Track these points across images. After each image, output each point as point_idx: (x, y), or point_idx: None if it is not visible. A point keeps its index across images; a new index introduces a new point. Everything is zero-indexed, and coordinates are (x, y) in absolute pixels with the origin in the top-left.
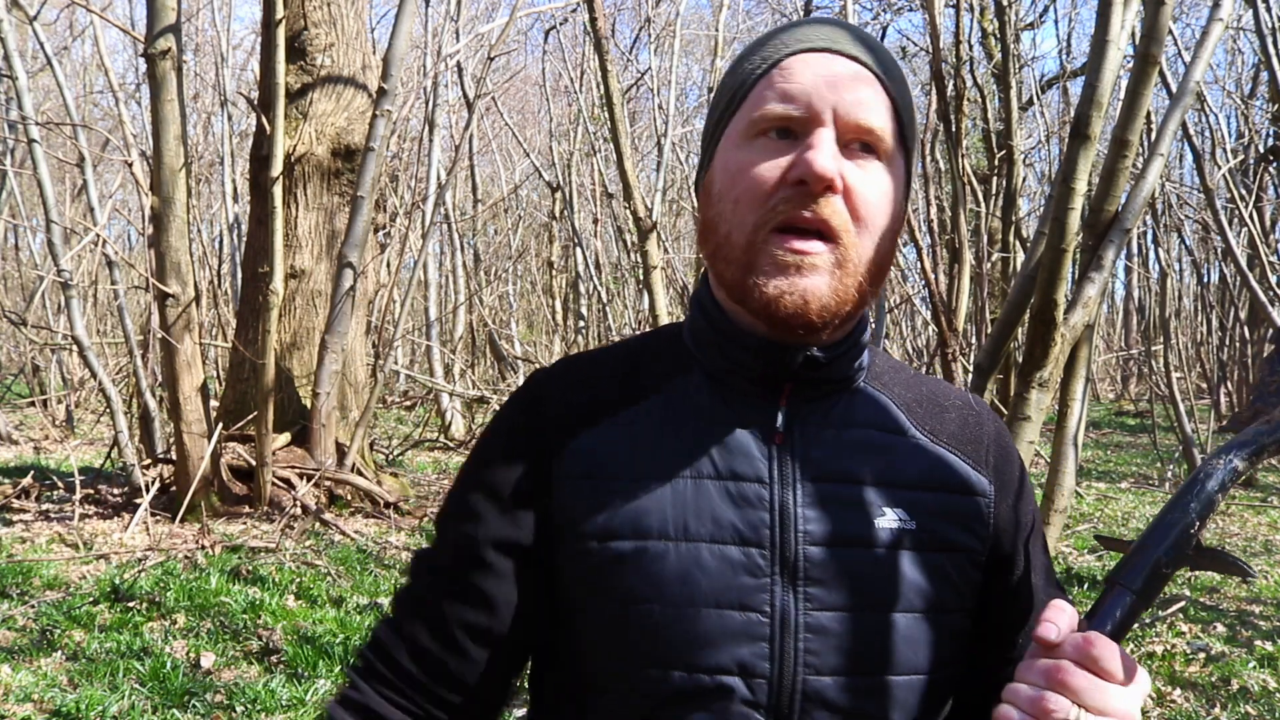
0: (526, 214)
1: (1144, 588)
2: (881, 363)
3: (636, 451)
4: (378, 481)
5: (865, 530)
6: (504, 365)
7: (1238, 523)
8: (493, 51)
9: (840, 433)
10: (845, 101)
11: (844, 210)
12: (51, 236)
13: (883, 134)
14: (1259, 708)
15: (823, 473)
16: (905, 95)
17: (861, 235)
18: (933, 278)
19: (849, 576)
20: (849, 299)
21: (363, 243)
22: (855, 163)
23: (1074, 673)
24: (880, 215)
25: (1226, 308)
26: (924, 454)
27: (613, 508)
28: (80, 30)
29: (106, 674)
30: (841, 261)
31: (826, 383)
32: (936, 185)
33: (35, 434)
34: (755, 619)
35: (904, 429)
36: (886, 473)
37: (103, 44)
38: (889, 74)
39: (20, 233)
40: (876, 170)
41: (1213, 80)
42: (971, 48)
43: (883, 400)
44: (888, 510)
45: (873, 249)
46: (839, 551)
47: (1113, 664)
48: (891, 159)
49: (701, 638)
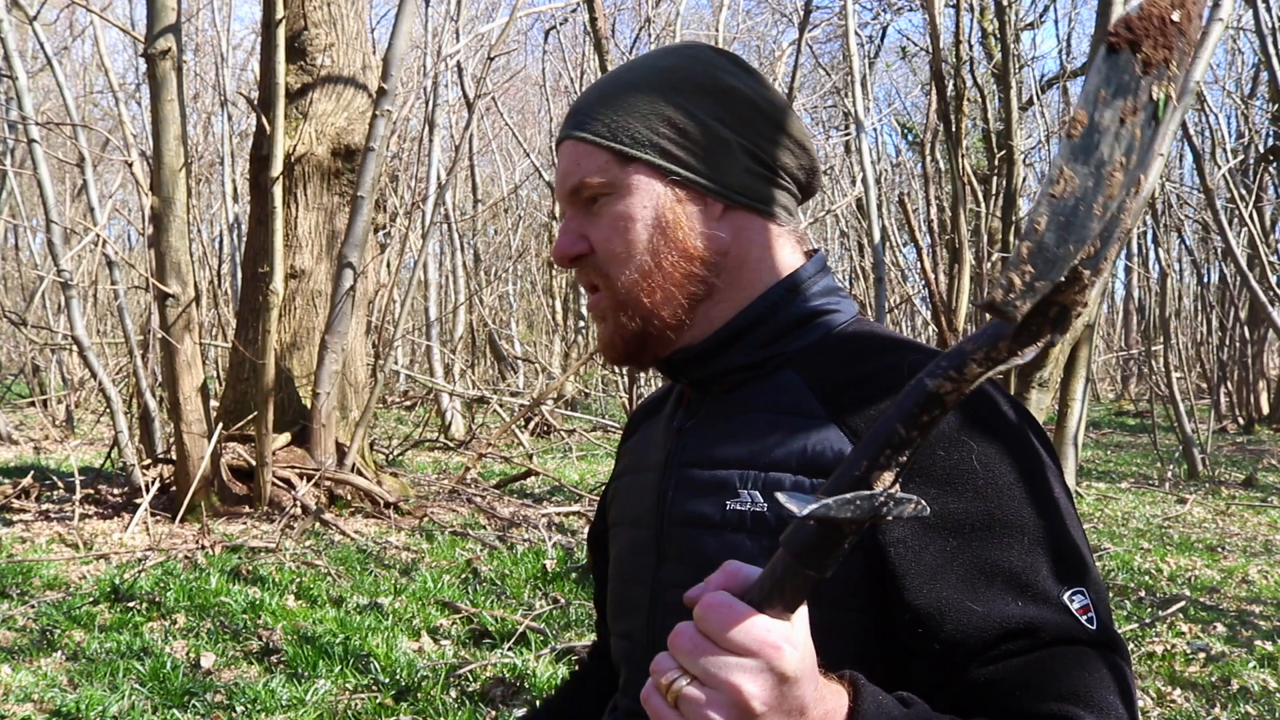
0: (526, 214)
1: (801, 549)
2: (846, 339)
3: (631, 452)
4: (378, 481)
5: (715, 512)
6: (504, 365)
7: (1238, 523)
8: (493, 51)
9: (730, 420)
10: (559, 183)
11: (596, 265)
12: (51, 236)
13: (585, 182)
14: (1259, 708)
15: (696, 459)
16: (620, 116)
17: (618, 270)
18: (933, 278)
19: (698, 557)
20: (634, 327)
21: (363, 243)
22: (591, 217)
23: (681, 633)
24: (625, 242)
25: (1226, 308)
26: (810, 436)
27: (610, 503)
28: (80, 30)
29: (106, 674)
30: (615, 302)
31: (720, 376)
32: (936, 185)
33: (35, 434)
34: (640, 592)
35: (806, 410)
36: (758, 455)
37: (103, 44)
38: (589, 121)
39: (20, 233)
40: (604, 207)
41: (1213, 80)
42: (971, 48)
43: (796, 382)
44: (743, 492)
45: (632, 270)
46: (690, 532)
47: (718, 628)
48: (616, 184)
49: (618, 608)
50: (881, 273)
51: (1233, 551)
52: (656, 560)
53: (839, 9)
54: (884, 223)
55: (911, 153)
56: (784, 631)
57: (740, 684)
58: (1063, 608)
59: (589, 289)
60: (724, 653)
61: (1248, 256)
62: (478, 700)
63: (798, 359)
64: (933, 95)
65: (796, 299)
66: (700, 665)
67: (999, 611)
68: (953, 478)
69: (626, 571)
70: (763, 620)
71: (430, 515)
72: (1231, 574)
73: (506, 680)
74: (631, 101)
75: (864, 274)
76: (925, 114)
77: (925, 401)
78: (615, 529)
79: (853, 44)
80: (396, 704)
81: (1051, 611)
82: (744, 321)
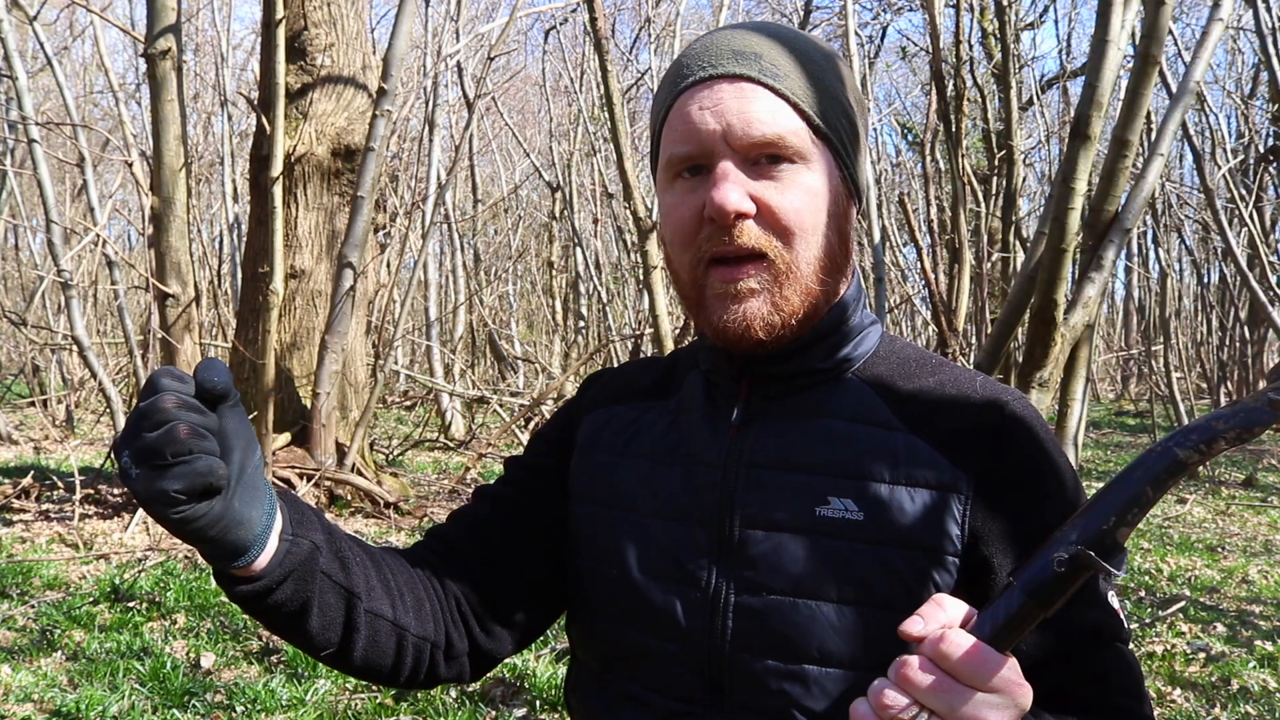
0: (526, 214)
1: (1039, 589)
2: (892, 353)
3: (636, 434)
4: (378, 481)
5: (803, 518)
6: (504, 365)
7: (1238, 523)
8: (493, 51)
9: (805, 423)
10: (735, 125)
11: (763, 230)
12: (51, 236)
13: (785, 139)
14: (1259, 708)
15: (772, 460)
16: (813, 87)
17: (794, 243)
18: (933, 278)
19: (782, 562)
20: (796, 307)
21: (363, 243)
22: (768, 177)
23: (917, 669)
24: (810, 216)
25: (1226, 308)
26: (896, 446)
27: (593, 476)
28: (80, 30)
29: (106, 674)
30: (777, 277)
31: (792, 376)
32: (936, 185)
33: (35, 434)
34: (692, 593)
35: (884, 421)
36: (844, 462)
37: (103, 44)
38: (782, 75)
39: (20, 233)
40: (794, 175)
41: (1213, 80)
42: (971, 48)
43: (867, 392)
44: (833, 499)
45: (813, 249)
46: (774, 536)
47: (965, 665)
48: (809, 156)
49: (645, 604)
50: (881, 273)
51: (1233, 551)
52: (718, 562)
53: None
54: (884, 223)
55: (911, 153)
56: (1018, 668)
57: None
58: (1112, 610)
59: (727, 258)
60: (974, 692)
61: (1248, 256)
62: (478, 700)
63: (861, 369)
64: (933, 95)
65: (859, 308)
66: (947, 702)
67: (1078, 615)
68: (1030, 491)
69: (660, 568)
70: (1012, 661)
71: (430, 515)
72: (1231, 574)
73: (506, 680)
74: (820, 79)
75: (864, 274)
76: (925, 114)
77: (1173, 468)
78: (617, 514)
79: (853, 44)
80: (396, 704)
81: (1106, 614)
82: (829, 324)
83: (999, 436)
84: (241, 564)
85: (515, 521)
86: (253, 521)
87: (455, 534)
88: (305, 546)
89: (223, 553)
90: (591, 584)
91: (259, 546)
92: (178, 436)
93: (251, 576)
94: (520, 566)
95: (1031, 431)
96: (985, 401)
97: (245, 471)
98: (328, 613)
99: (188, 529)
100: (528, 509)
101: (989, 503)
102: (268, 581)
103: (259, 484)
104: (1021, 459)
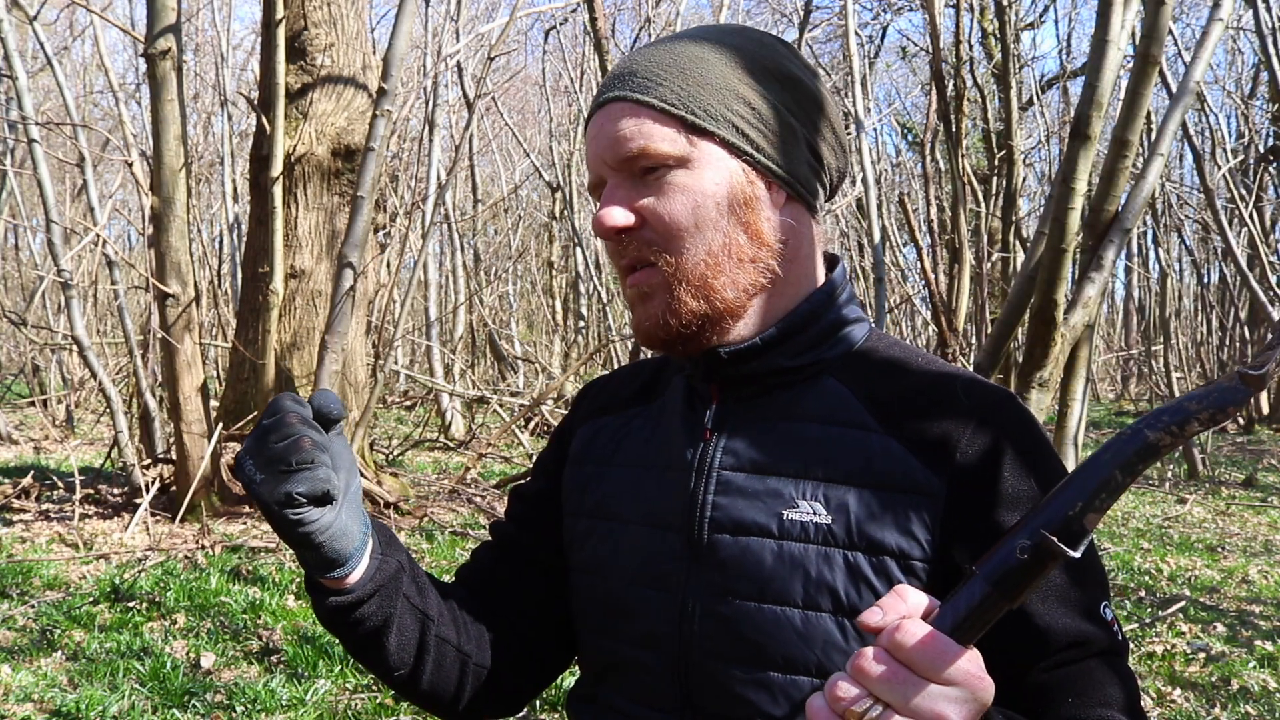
0: (526, 214)
1: (1002, 578)
2: (876, 351)
3: (622, 443)
4: (378, 481)
5: (769, 521)
6: (504, 365)
7: (1238, 523)
8: (493, 51)
9: (777, 425)
10: (607, 148)
11: (649, 238)
12: (51, 236)
13: (648, 150)
14: (1259, 708)
15: (740, 464)
16: (693, 86)
17: (680, 246)
18: (933, 278)
19: (749, 566)
20: (695, 307)
21: (363, 243)
22: (650, 187)
23: (871, 659)
24: (694, 217)
25: (1226, 308)
26: (870, 448)
27: (583, 488)
28: (80, 30)
29: (106, 674)
30: (666, 280)
31: (762, 377)
32: (936, 185)
33: (35, 434)
34: (665, 598)
35: (859, 422)
36: (814, 465)
37: (103, 44)
38: (653, 85)
39: (20, 233)
40: (673, 179)
41: (1213, 80)
42: (971, 48)
43: (843, 392)
44: (801, 503)
45: (703, 247)
46: (741, 541)
47: (920, 655)
48: (687, 156)
49: (624, 612)
50: (881, 273)
51: (1233, 551)
52: (689, 566)
53: (839, 9)
54: (884, 223)
55: (911, 153)
56: (980, 661)
57: (949, 715)
58: (1103, 622)
59: (630, 266)
60: (928, 683)
61: (1248, 256)
62: None
63: (837, 367)
64: (933, 95)
65: (835, 305)
66: (901, 693)
67: (1060, 623)
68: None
69: (636, 575)
70: (973, 653)
71: (430, 515)
72: (1231, 574)
73: None
74: (703, 74)
75: (864, 274)
76: (925, 114)
77: (1144, 451)
78: (602, 524)
79: (853, 44)
80: (396, 704)
81: (1095, 625)
82: (794, 321)
83: (975, 439)
84: (339, 574)
85: (520, 563)
86: (354, 535)
87: (474, 579)
88: (393, 565)
89: (324, 560)
90: (581, 596)
91: (356, 559)
92: (303, 447)
93: (344, 589)
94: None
95: (1012, 433)
96: (964, 402)
97: (350, 490)
98: (405, 633)
99: (301, 531)
100: (530, 547)
101: (963, 507)
102: (359, 594)
103: (359, 504)
104: (999, 462)
